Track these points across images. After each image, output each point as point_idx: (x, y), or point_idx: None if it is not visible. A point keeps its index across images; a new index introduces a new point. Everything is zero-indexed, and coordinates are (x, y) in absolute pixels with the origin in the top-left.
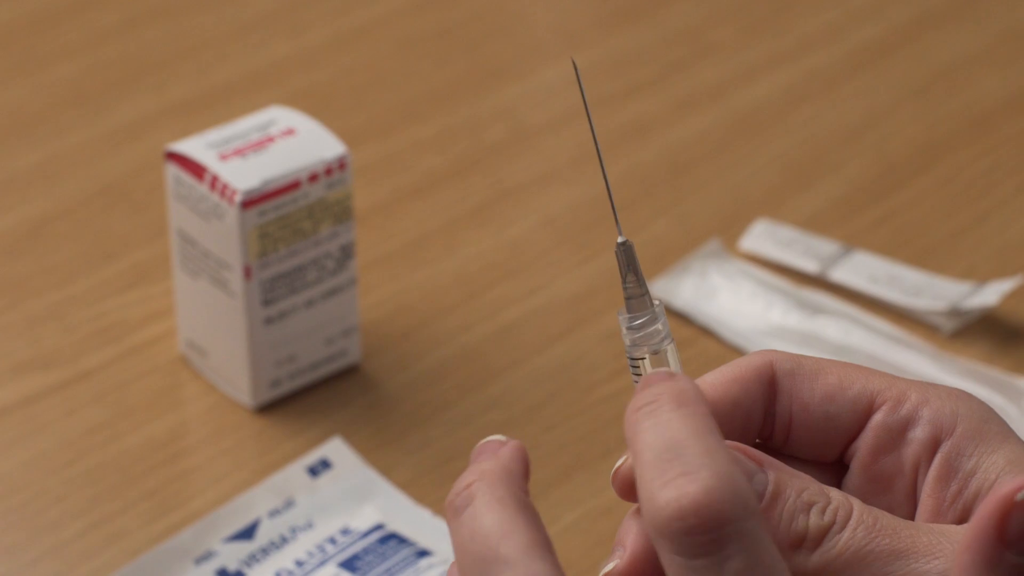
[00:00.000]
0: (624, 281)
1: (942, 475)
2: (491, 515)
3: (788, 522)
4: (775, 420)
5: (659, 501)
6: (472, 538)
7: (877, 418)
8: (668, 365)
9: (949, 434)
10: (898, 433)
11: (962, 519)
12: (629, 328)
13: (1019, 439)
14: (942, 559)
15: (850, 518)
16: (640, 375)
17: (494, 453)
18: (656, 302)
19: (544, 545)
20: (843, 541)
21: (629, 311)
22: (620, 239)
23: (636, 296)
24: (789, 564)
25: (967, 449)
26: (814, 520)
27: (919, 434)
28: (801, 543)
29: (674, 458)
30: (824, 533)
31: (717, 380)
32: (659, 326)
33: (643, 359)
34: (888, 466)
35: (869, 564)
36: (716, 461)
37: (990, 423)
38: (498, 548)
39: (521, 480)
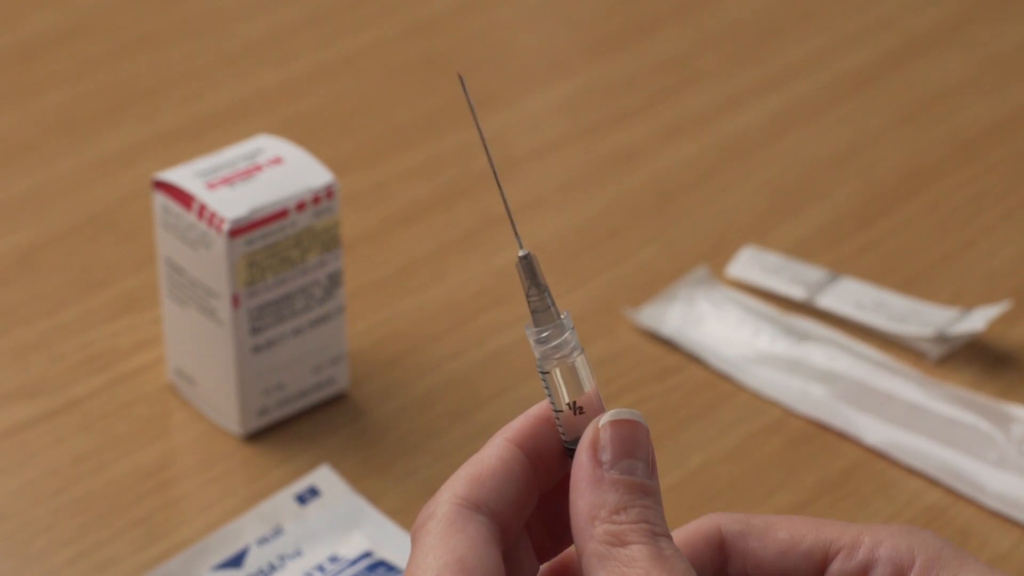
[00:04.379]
0: (527, 295)
1: None
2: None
3: None
4: None
5: None
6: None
7: (834, 567)
8: (579, 377)
9: (909, 569)
10: None
11: None
12: (536, 342)
13: (976, 560)
14: None
15: None
16: (549, 388)
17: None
18: (563, 314)
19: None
20: None
21: (536, 324)
22: (521, 252)
23: (541, 310)
24: None
25: None
26: None
27: (880, 574)
28: None
29: None
30: None
31: None
32: (567, 336)
33: (550, 373)
34: None
35: None
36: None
37: (945, 549)
38: None
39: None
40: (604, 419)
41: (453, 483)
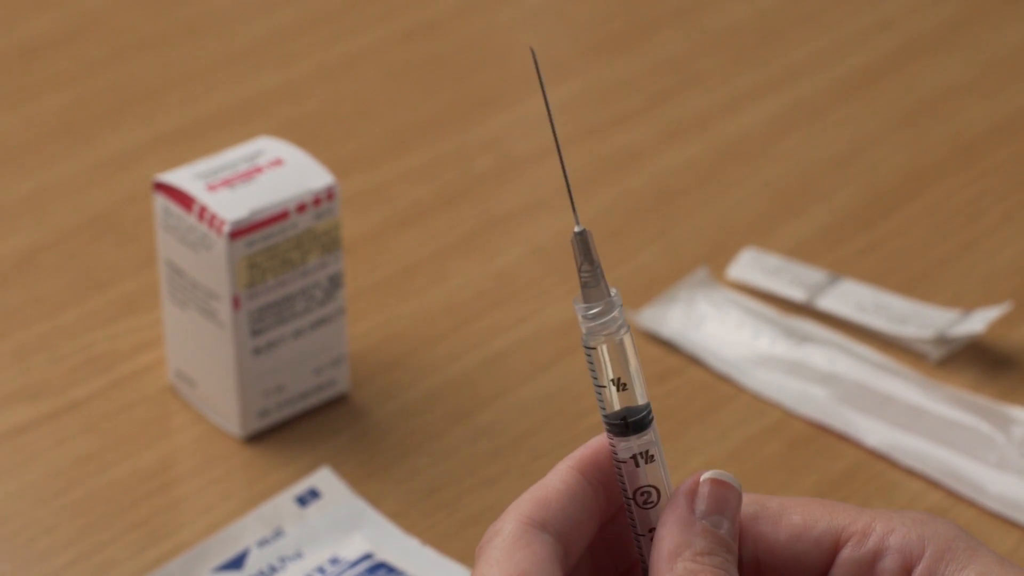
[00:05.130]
0: (580, 270)
1: None
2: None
3: None
4: (743, 564)
5: None
6: None
7: (845, 553)
8: (626, 355)
9: (919, 559)
10: (867, 566)
11: None
12: (585, 317)
13: (989, 551)
14: None
15: None
16: (594, 364)
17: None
18: (613, 291)
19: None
20: None
21: (585, 300)
22: (577, 228)
23: (592, 285)
24: None
25: (938, 570)
26: None
27: (889, 564)
28: None
29: None
30: None
31: None
32: (615, 314)
33: (596, 348)
34: None
35: None
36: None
37: (958, 540)
38: None
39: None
40: (707, 475)
41: (519, 504)
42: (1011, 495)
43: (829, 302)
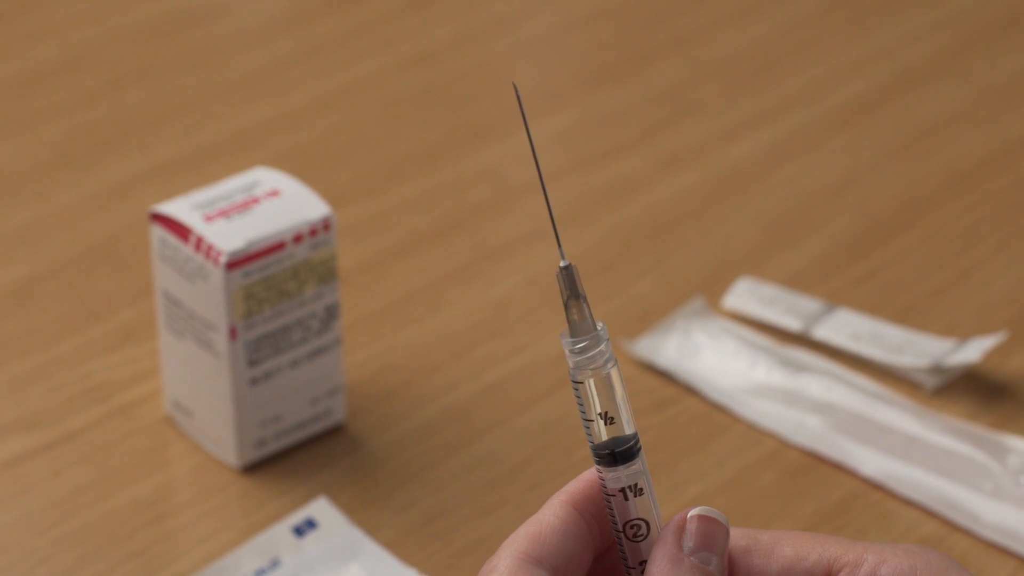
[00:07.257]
0: (566, 305)
1: None
2: None
3: None
4: None
5: None
6: None
7: None
8: (613, 388)
9: None
10: None
11: None
12: (571, 352)
13: None
14: None
15: None
16: (581, 398)
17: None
18: (599, 325)
19: None
20: None
21: (572, 334)
22: (562, 263)
23: (578, 320)
24: None
25: None
26: None
27: None
28: None
29: None
30: None
31: None
32: (602, 348)
33: (584, 383)
34: None
35: None
36: None
37: (949, 571)
38: None
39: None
40: (694, 512)
41: (514, 540)
42: (1006, 524)
43: (825, 331)
